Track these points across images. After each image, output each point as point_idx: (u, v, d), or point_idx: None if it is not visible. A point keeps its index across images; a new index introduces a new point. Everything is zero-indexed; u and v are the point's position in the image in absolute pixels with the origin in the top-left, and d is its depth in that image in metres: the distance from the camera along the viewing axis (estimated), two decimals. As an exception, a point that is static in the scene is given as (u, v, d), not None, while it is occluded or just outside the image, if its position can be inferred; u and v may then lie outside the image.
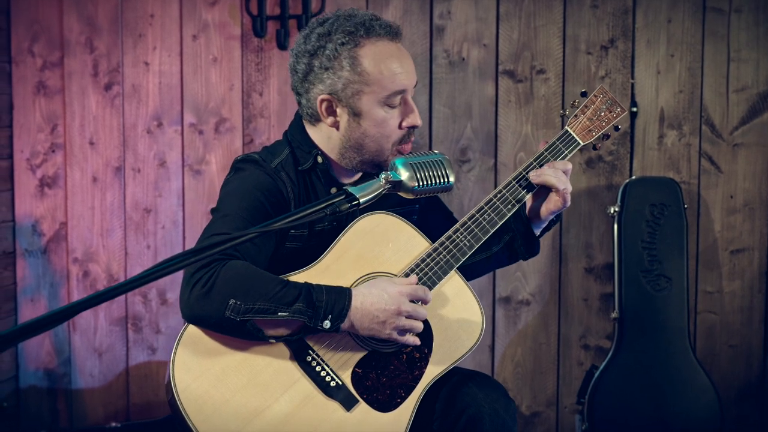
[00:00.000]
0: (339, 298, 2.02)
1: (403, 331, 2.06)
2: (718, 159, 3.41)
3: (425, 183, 1.88)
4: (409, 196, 1.90)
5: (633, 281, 3.27)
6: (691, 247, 3.40)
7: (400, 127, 2.19)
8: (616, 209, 3.30)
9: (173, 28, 3.63)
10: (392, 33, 2.19)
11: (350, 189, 1.78)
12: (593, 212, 3.47)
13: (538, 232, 2.35)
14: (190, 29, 3.61)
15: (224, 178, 2.28)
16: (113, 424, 3.58)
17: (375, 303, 2.02)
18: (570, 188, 2.23)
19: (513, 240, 2.34)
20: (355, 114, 2.18)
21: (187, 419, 1.96)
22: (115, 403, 3.76)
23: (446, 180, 1.89)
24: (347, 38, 2.15)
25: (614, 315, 3.28)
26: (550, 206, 2.26)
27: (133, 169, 3.68)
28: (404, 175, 1.87)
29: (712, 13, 3.37)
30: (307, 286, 2.02)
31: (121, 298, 3.71)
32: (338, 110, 2.19)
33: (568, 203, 2.24)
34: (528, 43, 3.45)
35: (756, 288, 3.42)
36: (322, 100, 2.19)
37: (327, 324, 2.00)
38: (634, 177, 3.38)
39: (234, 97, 3.61)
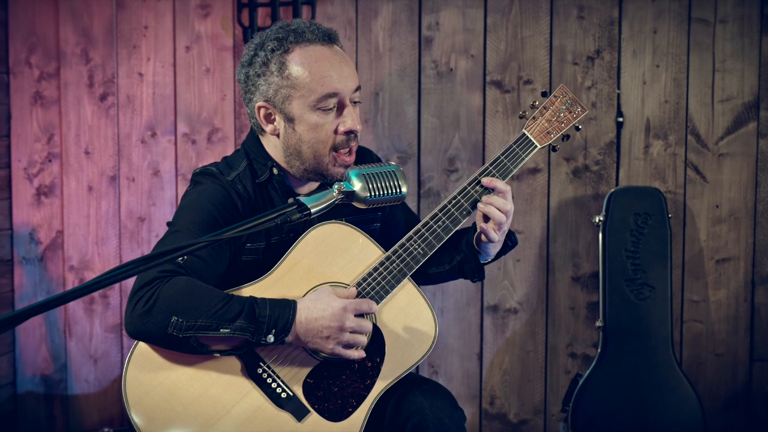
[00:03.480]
0: (283, 312, 2.03)
1: (347, 346, 2.07)
2: (703, 169, 3.42)
3: (377, 193, 1.90)
4: (362, 206, 1.91)
5: (617, 290, 3.29)
6: (677, 257, 3.42)
7: (336, 132, 2.19)
8: (601, 218, 3.32)
9: (167, 40, 3.69)
10: (326, 37, 2.20)
11: (302, 199, 1.79)
12: (580, 221, 3.49)
13: (487, 257, 2.33)
14: (183, 40, 3.67)
15: (185, 190, 2.30)
16: (106, 430, 3.64)
17: (319, 318, 2.03)
18: (502, 216, 2.20)
19: (464, 261, 2.34)
20: (289, 119, 2.19)
21: None
22: (110, 408, 3.81)
23: (398, 190, 1.91)
24: (277, 44, 2.17)
25: (599, 323, 3.31)
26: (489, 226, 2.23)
27: (128, 178, 3.74)
28: (357, 185, 1.89)
29: (698, 23, 3.39)
30: (251, 301, 2.03)
31: (116, 304, 3.77)
32: (275, 117, 2.21)
33: (504, 227, 2.22)
34: (515, 53, 3.49)
35: (741, 297, 3.44)
36: (259, 107, 2.22)
37: (271, 338, 2.01)
38: (619, 187, 3.41)
39: (226, 108, 3.66)
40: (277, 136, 2.24)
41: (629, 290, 3.29)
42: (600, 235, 3.33)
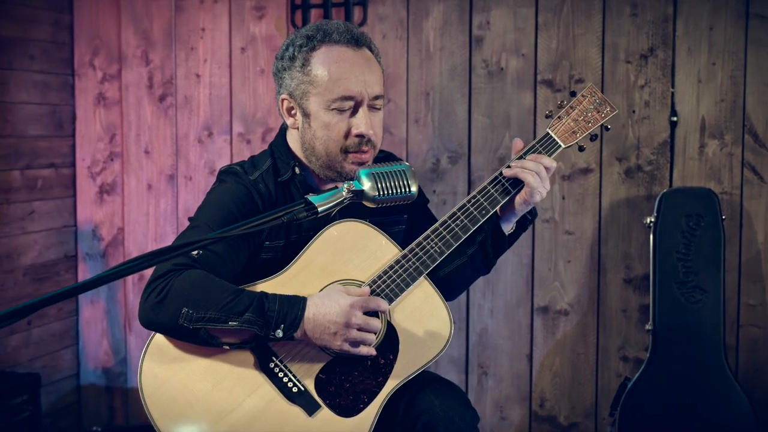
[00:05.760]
0: (292, 308, 2.04)
1: (355, 343, 2.07)
2: (761, 169, 3.32)
3: (386, 192, 1.89)
4: (372, 206, 1.90)
5: (667, 293, 3.21)
6: (733, 259, 3.32)
7: (348, 134, 2.21)
8: (652, 220, 3.25)
9: (223, 41, 3.76)
10: (353, 40, 2.22)
11: (311, 198, 1.80)
12: (632, 223, 3.42)
13: (508, 227, 2.30)
14: (239, 42, 3.74)
15: (211, 186, 2.34)
16: (161, 422, 3.73)
17: (327, 314, 2.04)
18: (544, 187, 2.18)
19: (485, 239, 2.32)
20: (305, 114, 2.23)
21: (153, 423, 2.05)
22: (168, 402, 3.90)
23: (407, 190, 1.91)
24: (305, 41, 2.22)
25: (648, 327, 3.24)
26: (519, 198, 2.22)
27: (185, 177, 3.83)
28: (366, 184, 1.88)
29: (756, 19, 3.29)
30: (261, 296, 2.05)
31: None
32: (296, 111, 2.27)
33: (535, 199, 2.18)
34: (566, 52, 3.44)
35: (801, 302, 3.32)
36: (283, 100, 2.28)
37: (279, 333, 2.03)
38: (671, 188, 3.33)
39: (280, 108, 3.71)
40: (297, 129, 2.29)
41: (680, 293, 3.21)
42: (651, 237, 3.26)
